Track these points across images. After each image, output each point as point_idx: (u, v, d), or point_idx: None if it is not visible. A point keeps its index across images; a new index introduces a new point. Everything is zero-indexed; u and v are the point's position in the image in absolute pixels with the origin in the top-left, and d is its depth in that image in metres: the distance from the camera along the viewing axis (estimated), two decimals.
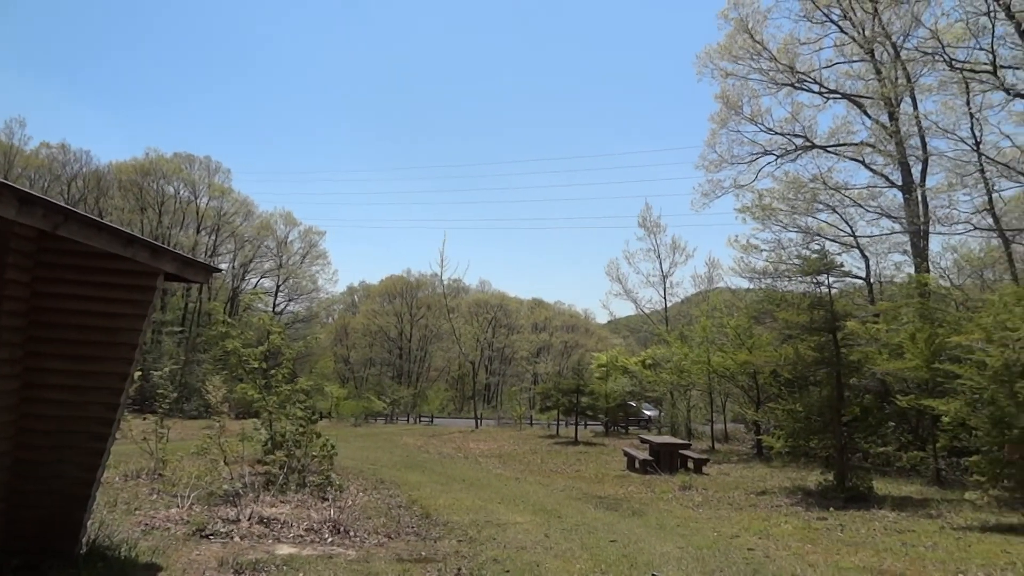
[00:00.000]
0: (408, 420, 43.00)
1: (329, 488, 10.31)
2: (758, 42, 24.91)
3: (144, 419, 13.21)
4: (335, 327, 67.09)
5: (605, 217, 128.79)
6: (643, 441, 19.14)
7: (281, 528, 7.65)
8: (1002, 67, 20.55)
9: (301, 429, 11.31)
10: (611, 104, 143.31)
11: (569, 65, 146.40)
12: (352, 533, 7.70)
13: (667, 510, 10.70)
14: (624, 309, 78.39)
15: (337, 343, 64.66)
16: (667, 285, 37.21)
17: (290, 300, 59.38)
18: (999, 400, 9.68)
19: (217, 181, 52.65)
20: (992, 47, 20.31)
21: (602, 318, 78.95)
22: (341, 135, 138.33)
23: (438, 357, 65.15)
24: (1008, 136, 25.09)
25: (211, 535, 7.19)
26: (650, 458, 16.16)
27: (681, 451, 16.71)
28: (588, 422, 33.27)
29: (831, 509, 10.70)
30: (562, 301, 78.11)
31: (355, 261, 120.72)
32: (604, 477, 15.29)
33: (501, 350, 64.09)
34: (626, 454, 17.66)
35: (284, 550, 6.76)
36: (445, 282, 43.17)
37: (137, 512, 8.29)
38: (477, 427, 32.99)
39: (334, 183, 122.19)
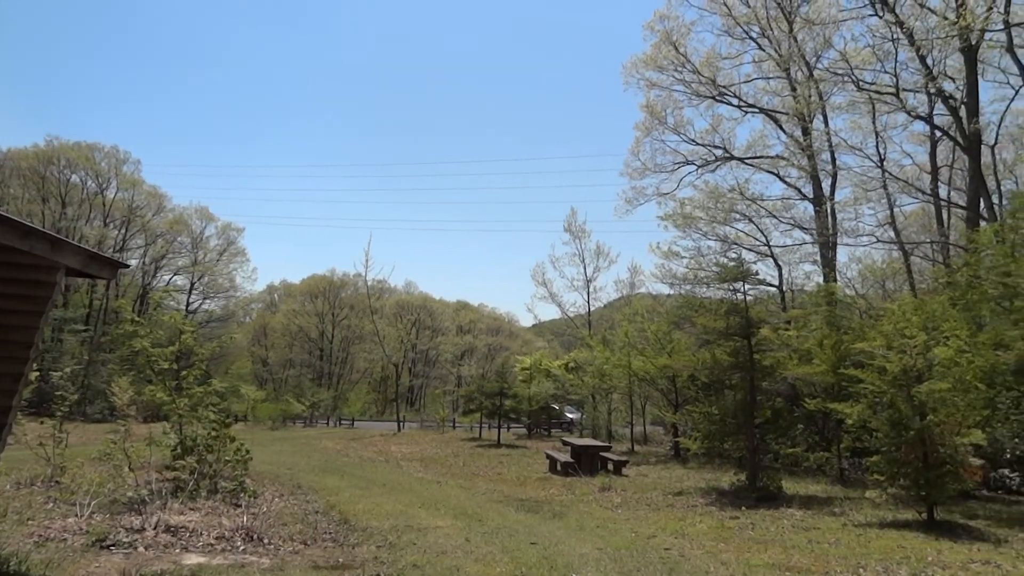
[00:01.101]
0: (328, 423, 42.05)
1: (243, 494, 9.94)
2: (682, 54, 25.66)
3: (41, 423, 12.38)
4: (253, 327, 65.00)
5: (532, 221, 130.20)
6: (565, 443, 19.33)
7: (190, 537, 7.31)
8: (904, 90, 21.87)
9: (214, 433, 10.85)
10: (540, 109, 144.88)
11: (500, 69, 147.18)
12: (266, 540, 7.45)
13: (587, 511, 10.83)
14: (549, 313, 79.76)
15: (255, 343, 62.66)
16: (591, 290, 37.79)
17: (205, 298, 57.12)
18: (897, 403, 10.24)
19: (127, 172, 49.91)
20: (895, 71, 21.57)
21: (527, 321, 79.63)
22: (263, 130, 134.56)
23: (360, 359, 64.02)
24: (909, 155, 26.73)
25: (112, 546, 6.80)
26: (571, 460, 16.32)
27: (602, 453, 16.96)
28: (511, 425, 33.39)
29: (743, 508, 11.08)
30: (487, 304, 78.38)
31: (276, 260, 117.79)
32: (526, 480, 15.35)
33: (425, 352, 63.60)
34: (548, 456, 17.80)
35: (192, 560, 6.47)
36: (370, 282, 42.52)
37: (30, 522, 7.77)
38: (399, 430, 32.58)
39: (255, 179, 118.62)
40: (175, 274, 54.69)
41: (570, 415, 34.98)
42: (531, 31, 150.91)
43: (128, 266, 8.94)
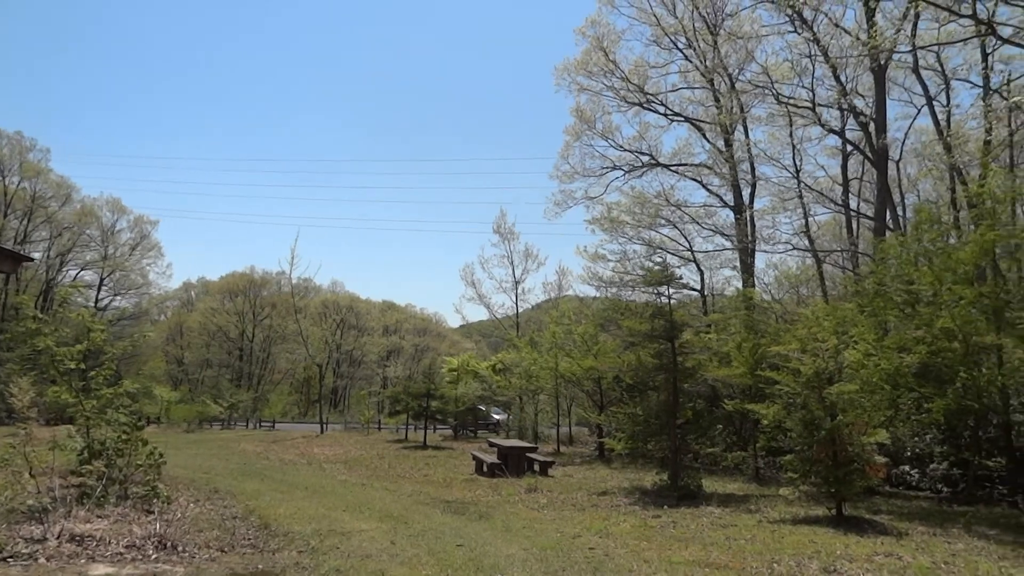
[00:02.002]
0: (248, 425, 40.73)
1: (155, 500, 9.48)
2: (612, 61, 26.12)
3: None
4: (168, 325, 62.31)
5: (462, 221, 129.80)
6: (491, 445, 19.35)
7: (97, 546, 6.92)
8: (820, 105, 22.91)
9: (125, 436, 10.29)
10: (472, 109, 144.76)
11: (433, 67, 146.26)
12: (181, 548, 7.12)
13: (513, 512, 10.85)
14: (477, 314, 79.62)
15: (170, 342, 60.11)
16: (519, 291, 38.04)
17: (116, 295, 54.38)
18: (810, 404, 10.71)
19: (32, 160, 46.93)
20: (812, 86, 22.58)
21: (455, 322, 79.37)
22: (183, 120, 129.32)
23: (283, 359, 62.34)
24: (823, 167, 28.07)
25: (10, 557, 6.36)
26: (498, 461, 16.34)
27: (528, 454, 17.04)
28: (437, 426, 33.18)
29: (665, 507, 11.34)
30: (415, 304, 77.77)
31: (193, 256, 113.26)
32: (452, 481, 15.27)
33: (350, 353, 62.48)
34: (474, 458, 17.76)
35: (99, 570, 6.13)
36: (294, 281, 41.43)
37: None
38: (322, 432, 31.87)
39: (173, 171, 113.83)
40: (83, 269, 51.85)
41: (497, 416, 35.06)
42: (466, 30, 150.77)
43: (32, 259, 8.37)
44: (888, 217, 21.32)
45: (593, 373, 21.38)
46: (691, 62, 25.70)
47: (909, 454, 14.46)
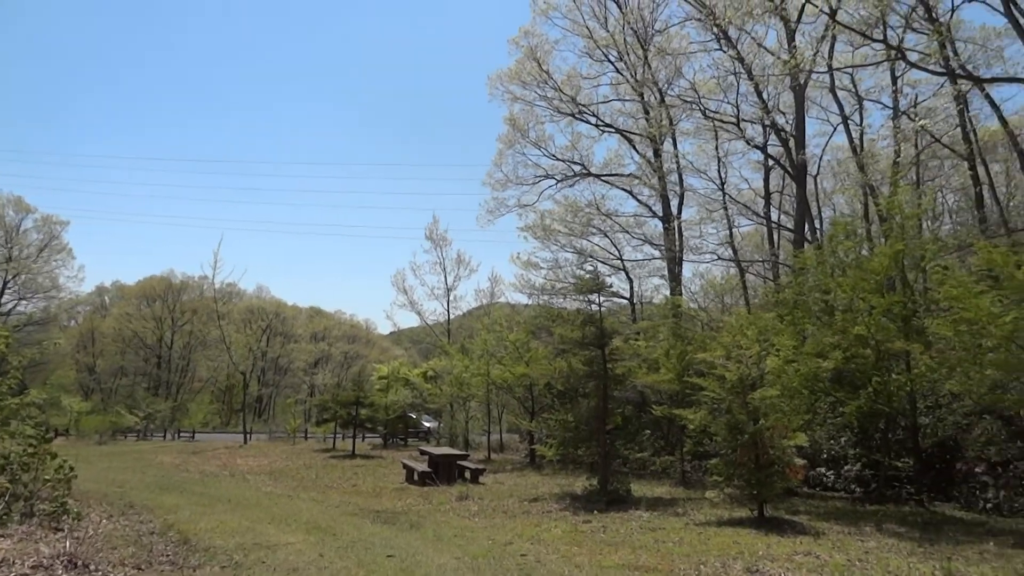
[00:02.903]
0: (165, 436, 39.01)
1: (64, 517, 8.94)
2: (545, 71, 26.45)
3: None
4: (79, 331, 59.02)
5: (393, 227, 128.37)
6: (422, 453, 19.17)
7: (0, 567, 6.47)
8: (744, 120, 23.78)
9: (31, 449, 9.69)
10: (404, 114, 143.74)
11: (366, 70, 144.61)
12: (93, 567, 6.74)
13: (444, 521, 10.76)
14: (408, 320, 78.67)
15: (81, 350, 56.95)
16: (451, 298, 37.89)
17: (22, 299, 51.15)
18: (734, 409, 11.05)
19: None
20: (737, 102, 23.42)
21: (385, 329, 78.35)
22: (97, 116, 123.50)
23: (204, 367, 60.01)
24: (747, 180, 29.14)
25: None
26: (429, 470, 16.19)
27: (459, 462, 16.96)
28: (367, 435, 32.64)
29: (595, 512, 11.46)
30: (344, 310, 76.30)
31: (108, 259, 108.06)
32: (382, 491, 15.03)
33: (276, 360, 60.78)
34: (405, 466, 17.55)
35: None
36: (218, 286, 40.04)
37: None
38: (246, 442, 30.86)
39: (85, 169, 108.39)
40: None
41: (428, 424, 34.76)
42: (399, 34, 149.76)
43: None
44: (807, 229, 22.28)
45: (525, 380, 21.48)
46: (622, 75, 26.30)
47: (825, 456, 15.10)
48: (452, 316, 38.49)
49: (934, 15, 18.36)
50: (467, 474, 16.58)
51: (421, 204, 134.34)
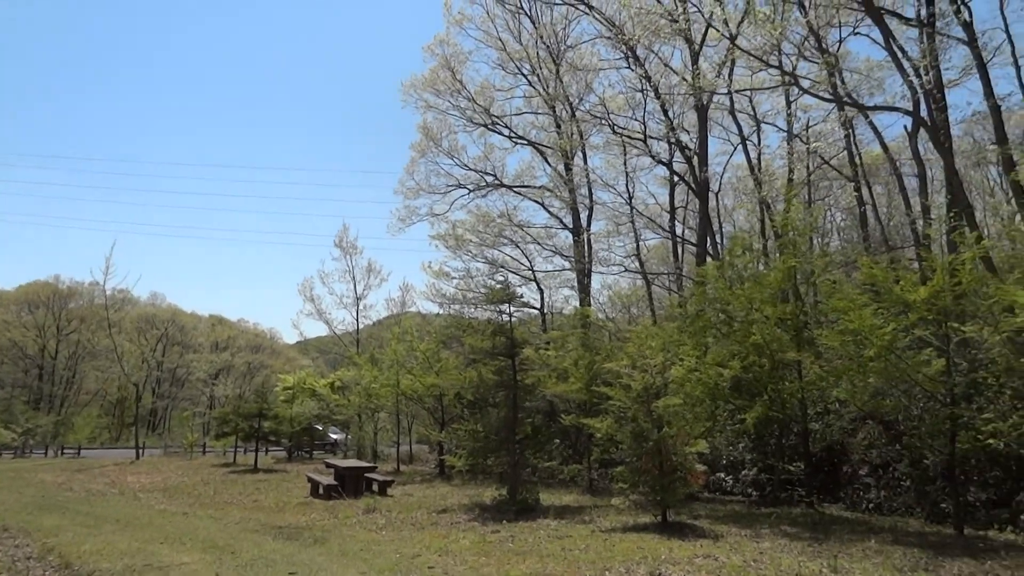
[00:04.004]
0: (47, 453, 36.33)
1: None
2: (459, 81, 26.55)
3: None
4: None
5: (300, 234, 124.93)
6: (328, 466, 18.68)
7: None
8: (650, 137, 24.60)
9: None
10: (312, 120, 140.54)
11: (274, 71, 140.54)
12: None
13: (351, 535, 10.50)
14: (316, 330, 76.58)
15: None
16: (361, 307, 37.24)
17: None
18: (639, 418, 11.33)
19: None
20: (644, 119, 24.22)
21: (292, 338, 76.03)
22: None
23: (92, 378, 56.36)
24: (653, 195, 30.13)
25: None
26: (335, 483, 15.79)
27: (367, 474, 16.64)
28: (270, 448, 31.52)
29: (504, 522, 11.46)
30: (248, 319, 73.51)
31: None
32: (285, 505, 14.53)
33: (173, 371, 57.88)
34: (310, 480, 17.05)
35: None
36: (109, 292, 37.76)
37: None
38: (138, 458, 29.18)
39: None
40: None
41: (335, 436, 33.95)
42: (309, 37, 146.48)
43: None
44: (709, 244, 23.25)
45: (435, 390, 21.31)
46: (535, 88, 26.71)
47: (725, 462, 15.73)
48: (362, 325, 37.84)
49: (824, 45, 19.63)
50: (375, 486, 16.28)
51: (330, 211, 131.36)
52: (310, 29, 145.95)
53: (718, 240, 26.45)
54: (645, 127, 24.96)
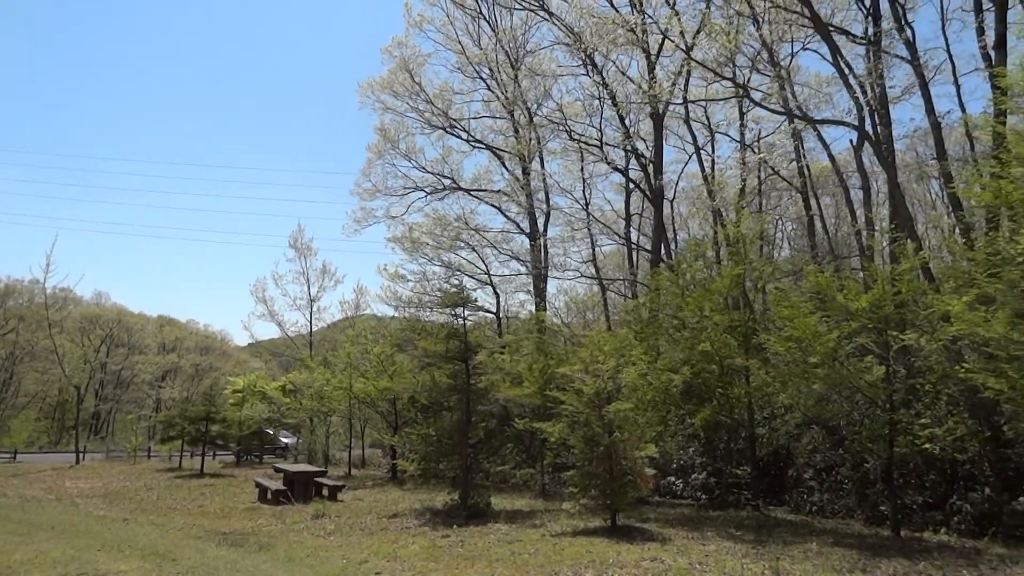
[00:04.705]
0: None
1: None
2: (417, 83, 26.45)
3: None
4: None
5: (254, 234, 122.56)
6: (277, 470, 18.35)
7: None
8: (607, 144, 24.87)
9: None
10: (268, 119, 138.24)
11: (230, 69, 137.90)
12: None
13: (298, 541, 10.33)
14: (268, 331, 75.20)
15: None
16: (314, 309, 36.72)
17: None
18: (591, 422, 11.42)
19: None
20: (601, 126, 24.48)
21: (243, 340, 74.54)
22: None
23: (30, 380, 54.16)
24: (610, 202, 30.43)
25: None
26: (284, 488, 15.52)
27: (317, 479, 16.39)
28: (219, 452, 30.81)
29: (455, 526, 11.42)
30: (197, 320, 71.74)
31: None
32: (231, 511, 14.21)
33: (118, 373, 56.02)
34: (258, 485, 16.72)
35: None
36: (50, 291, 36.43)
37: None
38: (78, 463, 28.20)
39: None
40: None
41: (285, 440, 33.37)
42: (263, 34, 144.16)
43: None
44: (663, 251, 23.58)
45: (388, 394, 21.13)
46: (494, 92, 26.75)
47: (675, 466, 15.96)
48: (315, 328, 37.30)
49: (776, 59, 20.12)
50: (325, 491, 16.04)
51: (285, 211, 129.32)
52: (265, 23, 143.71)
53: (672, 247, 26.87)
54: (602, 134, 25.23)
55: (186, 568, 8.07)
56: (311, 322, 36.91)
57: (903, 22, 15.88)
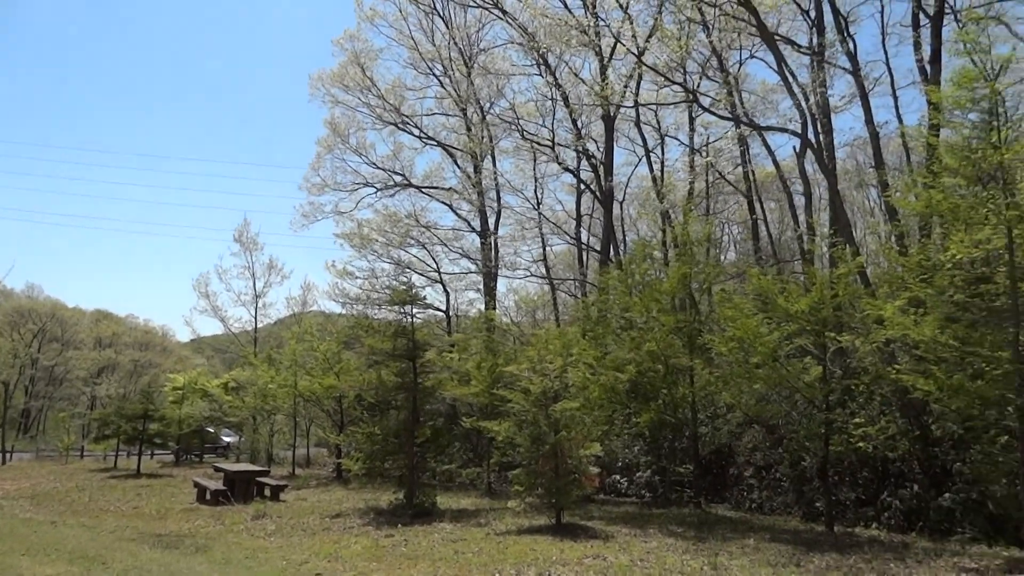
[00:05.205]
0: None
1: None
2: (368, 78, 26.16)
3: None
4: None
5: (198, 228, 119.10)
6: (217, 470, 17.89)
7: None
8: (559, 144, 25.02)
9: None
10: (213, 108, 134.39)
11: (173, 56, 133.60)
12: None
13: (236, 542, 10.07)
14: (211, 328, 72.83)
15: None
16: (260, 305, 35.99)
17: None
18: (538, 421, 11.45)
19: None
20: (553, 127, 24.60)
21: (184, 336, 72.48)
22: None
23: None
24: (561, 202, 30.58)
25: None
26: (224, 488, 15.12)
27: (259, 478, 16.03)
28: (157, 451, 29.88)
29: (399, 526, 11.31)
30: (137, 315, 69.30)
31: None
32: (168, 512, 13.78)
33: (50, 369, 53.85)
34: (196, 485, 16.26)
35: None
36: None
37: None
38: (4, 463, 27.04)
39: None
40: None
41: (228, 439, 32.59)
42: (208, 20, 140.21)
43: None
44: (612, 251, 23.82)
45: (334, 392, 20.82)
46: (446, 89, 26.64)
47: (620, 464, 16.15)
48: (260, 324, 36.65)
49: (725, 66, 20.55)
50: (267, 491, 15.70)
51: (231, 204, 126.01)
52: (210, 10, 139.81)
53: (622, 248, 27.16)
54: (554, 134, 25.35)
55: (116, 572, 7.79)
56: (256, 318, 36.22)
57: (845, 34, 16.38)
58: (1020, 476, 8.34)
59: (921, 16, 15.97)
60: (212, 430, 30.94)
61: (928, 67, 15.20)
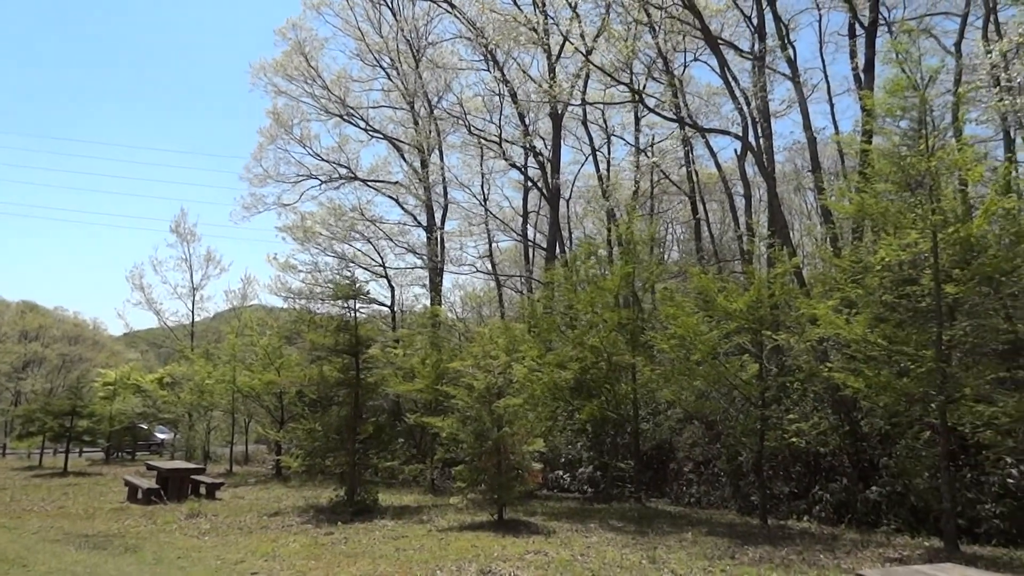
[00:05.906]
0: None
1: None
2: (313, 68, 25.67)
3: None
4: None
5: (132, 217, 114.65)
6: (150, 468, 17.30)
7: None
8: (507, 141, 25.01)
9: None
10: (149, 96, 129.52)
11: (98, 34, 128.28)
12: None
13: (168, 542, 9.75)
14: (145, 321, 70.28)
15: None
16: (197, 298, 34.93)
17: None
18: (482, 417, 11.45)
19: None
20: (500, 123, 24.61)
21: (117, 330, 69.83)
22: None
23: None
24: (508, 198, 30.64)
25: None
26: (156, 486, 14.62)
27: (193, 476, 15.56)
28: (86, 449, 28.71)
29: (340, 523, 11.14)
30: (65, 307, 66.35)
31: None
32: (96, 512, 13.23)
33: None
34: (127, 483, 15.69)
35: None
36: None
37: None
38: None
39: None
40: None
41: (162, 436, 31.57)
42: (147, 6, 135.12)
43: None
44: (558, 249, 23.98)
45: (274, 387, 20.37)
46: (394, 82, 26.33)
47: (564, 460, 16.28)
48: (198, 318, 35.55)
49: (670, 68, 20.88)
50: (202, 489, 15.26)
51: (168, 194, 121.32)
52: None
53: (568, 245, 27.36)
54: (501, 130, 25.34)
55: (38, 574, 7.45)
56: (193, 312, 35.15)
57: (786, 41, 16.85)
58: (940, 470, 8.74)
59: (857, 26, 16.55)
60: (145, 427, 29.88)
61: (863, 75, 15.76)
